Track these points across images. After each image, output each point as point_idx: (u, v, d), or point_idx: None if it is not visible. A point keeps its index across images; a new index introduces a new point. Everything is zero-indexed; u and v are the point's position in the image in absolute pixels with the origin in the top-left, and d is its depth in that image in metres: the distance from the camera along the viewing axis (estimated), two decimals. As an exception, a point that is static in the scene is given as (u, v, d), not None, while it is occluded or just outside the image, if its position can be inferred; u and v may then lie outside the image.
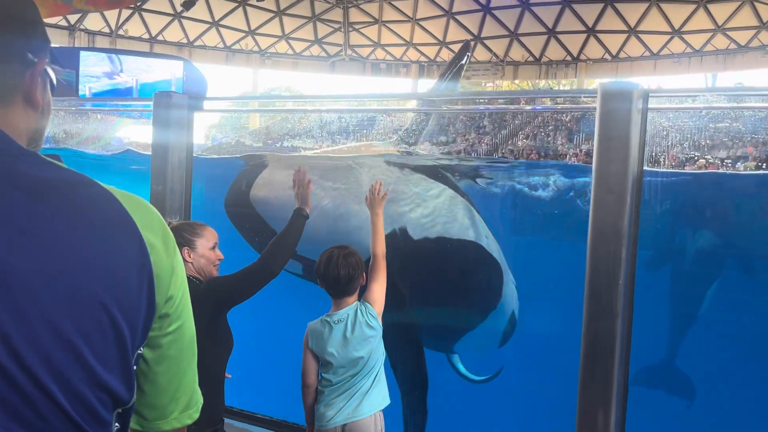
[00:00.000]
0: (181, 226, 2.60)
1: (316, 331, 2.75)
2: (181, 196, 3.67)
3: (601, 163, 2.39)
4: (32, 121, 0.92)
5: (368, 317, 2.71)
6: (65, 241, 0.79)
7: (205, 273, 2.59)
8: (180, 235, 2.54)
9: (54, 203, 0.80)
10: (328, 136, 11.24)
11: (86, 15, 26.90)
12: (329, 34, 34.18)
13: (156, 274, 0.89)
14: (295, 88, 46.51)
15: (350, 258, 2.72)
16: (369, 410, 2.69)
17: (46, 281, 0.76)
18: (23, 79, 0.89)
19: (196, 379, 1.06)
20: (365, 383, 2.70)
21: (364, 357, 2.68)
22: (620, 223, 2.35)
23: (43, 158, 0.86)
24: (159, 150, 3.61)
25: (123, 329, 0.83)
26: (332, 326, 2.70)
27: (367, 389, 2.70)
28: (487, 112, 21.40)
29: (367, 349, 2.69)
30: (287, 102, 10.88)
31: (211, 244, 2.62)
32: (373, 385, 2.72)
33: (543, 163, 12.54)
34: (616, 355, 2.39)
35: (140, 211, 0.90)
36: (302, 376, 2.78)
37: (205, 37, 32.17)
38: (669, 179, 6.16)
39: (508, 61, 32.95)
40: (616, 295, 2.38)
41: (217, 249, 2.65)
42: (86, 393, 0.79)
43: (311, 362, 2.75)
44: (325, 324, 2.73)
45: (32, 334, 0.75)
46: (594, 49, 31.10)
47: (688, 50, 28.83)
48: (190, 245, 2.56)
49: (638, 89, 2.37)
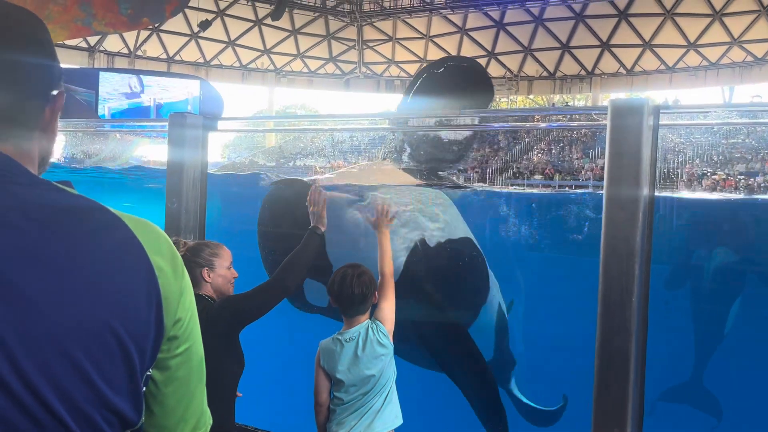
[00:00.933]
0: (198, 247, 2.61)
1: (328, 349, 2.76)
2: (196, 214, 3.70)
3: (612, 180, 2.37)
4: (44, 147, 0.96)
5: (379, 335, 2.71)
6: (74, 267, 0.82)
7: (221, 292, 2.61)
8: (199, 256, 2.56)
9: (64, 230, 0.83)
10: (340, 155, 11.32)
11: (106, 36, 27.41)
12: (344, 52, 34.50)
13: (164, 297, 0.91)
14: (310, 105, 46.92)
15: (363, 277, 2.73)
16: (381, 429, 2.68)
17: (55, 306, 0.78)
18: (44, 114, 0.93)
19: (205, 400, 1.07)
20: (377, 402, 2.69)
21: (375, 375, 2.67)
22: (633, 240, 2.33)
23: (54, 185, 0.89)
24: (174, 169, 3.65)
25: (131, 352, 0.85)
26: (343, 344, 2.70)
27: (379, 408, 2.69)
28: (501, 129, 21.36)
29: (378, 367, 2.68)
30: (302, 121, 11.02)
31: (228, 263, 2.64)
32: (385, 403, 2.71)
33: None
34: (631, 374, 2.36)
35: (149, 235, 0.92)
36: (314, 395, 2.78)
37: (222, 57, 32.62)
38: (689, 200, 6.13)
39: (522, 77, 32.99)
40: (630, 312, 2.36)
41: (232, 267, 2.67)
42: (94, 414, 0.81)
43: (323, 380, 2.76)
44: (336, 342, 2.74)
45: (41, 356, 0.77)
46: (608, 63, 31.04)
47: (704, 63, 28.67)
48: (210, 266, 2.57)
49: (649, 105, 2.36)
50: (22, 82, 0.89)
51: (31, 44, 0.90)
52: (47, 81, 0.92)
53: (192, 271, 2.49)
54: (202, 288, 2.55)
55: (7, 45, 0.87)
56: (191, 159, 3.67)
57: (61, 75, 0.96)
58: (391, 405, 2.75)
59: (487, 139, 27.01)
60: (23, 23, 0.91)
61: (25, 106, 0.90)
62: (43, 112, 0.92)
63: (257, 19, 31.99)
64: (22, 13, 0.92)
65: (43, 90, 0.92)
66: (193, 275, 2.49)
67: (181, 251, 2.50)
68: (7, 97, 0.87)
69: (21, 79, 0.88)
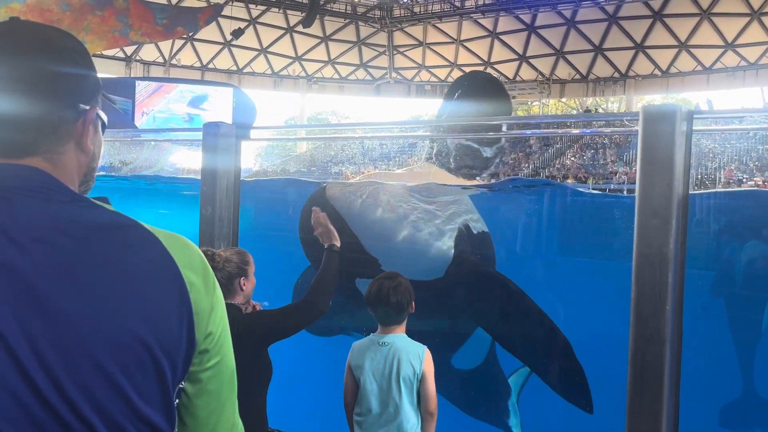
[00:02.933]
0: (235, 256, 2.64)
1: (359, 346, 2.77)
2: (230, 221, 3.77)
3: (645, 186, 2.34)
4: (83, 165, 0.98)
5: (415, 359, 2.68)
6: (108, 283, 0.85)
7: (248, 299, 2.66)
8: (237, 266, 2.60)
9: (98, 246, 0.86)
10: (370, 162, 11.40)
11: (142, 46, 28.06)
12: (374, 57, 34.67)
13: (196, 312, 0.93)
14: (341, 111, 47.22)
15: (400, 288, 2.74)
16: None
17: (90, 321, 0.81)
18: (75, 127, 0.95)
19: (237, 411, 1.09)
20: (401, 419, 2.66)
21: (395, 397, 2.65)
22: (666, 247, 2.29)
23: (90, 202, 0.92)
24: (208, 177, 3.72)
25: (163, 365, 0.87)
26: (377, 346, 2.71)
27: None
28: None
29: (402, 391, 2.64)
30: (333, 129, 11.13)
31: (254, 269, 2.69)
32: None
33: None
34: (665, 383, 2.33)
35: (181, 250, 0.94)
36: (344, 394, 2.81)
37: (254, 64, 33.09)
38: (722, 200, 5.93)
39: (554, 80, 32.69)
40: (664, 321, 2.32)
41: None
42: (127, 425, 0.84)
43: (351, 380, 2.77)
44: (371, 342, 2.75)
45: (76, 370, 0.80)
46: (643, 65, 30.54)
47: (742, 63, 28.01)
48: (246, 275, 2.62)
49: (682, 111, 2.33)
50: (49, 94, 0.91)
51: (59, 57, 0.93)
52: (77, 93, 0.95)
53: (231, 281, 2.54)
54: (236, 297, 2.59)
55: (35, 57, 0.90)
56: (224, 167, 3.73)
57: (97, 91, 0.99)
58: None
59: (519, 144, 26.83)
60: (52, 38, 0.94)
61: (53, 118, 0.92)
62: (74, 125, 0.95)
63: (289, 26, 32.37)
64: (52, 30, 0.95)
65: (72, 102, 0.94)
66: (231, 285, 2.54)
67: (218, 264, 2.53)
68: (35, 109, 0.90)
69: (47, 90, 0.91)
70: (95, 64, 1.00)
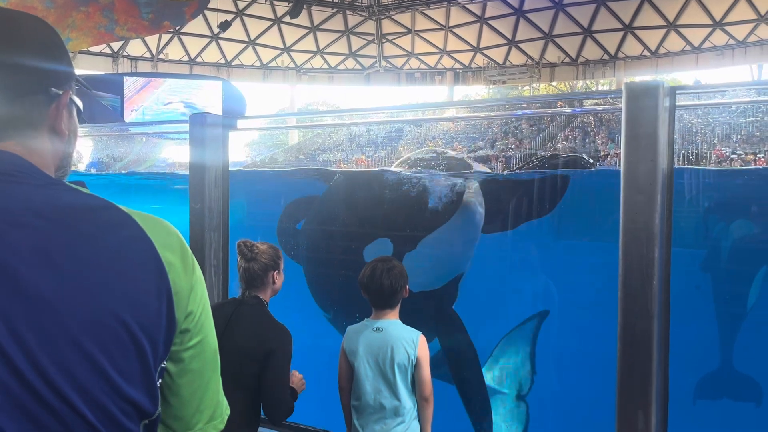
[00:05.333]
0: (269, 250, 2.69)
1: (353, 330, 2.78)
2: (219, 213, 3.76)
3: (629, 163, 2.35)
4: (59, 149, 0.98)
5: (409, 345, 2.69)
6: (85, 263, 0.85)
7: (275, 293, 2.71)
8: (272, 258, 2.66)
9: (75, 228, 0.86)
10: (358, 149, 11.40)
11: (128, 42, 27.84)
12: (363, 46, 34.51)
13: (175, 291, 0.93)
14: (332, 102, 47.05)
15: (393, 270, 2.74)
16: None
17: (68, 302, 0.82)
18: (48, 111, 0.95)
19: (221, 390, 1.10)
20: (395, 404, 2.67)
21: (391, 380, 2.66)
22: (651, 223, 2.31)
23: (65, 185, 0.92)
24: (196, 169, 3.71)
25: (144, 345, 0.88)
26: (371, 331, 2.72)
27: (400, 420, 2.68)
28: (524, 117, 21.26)
29: (397, 377, 2.65)
30: (324, 117, 11.08)
31: (283, 266, 2.75)
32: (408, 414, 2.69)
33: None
34: (654, 357, 2.35)
35: (158, 231, 0.95)
36: (338, 378, 2.82)
37: (242, 57, 32.89)
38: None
39: (544, 63, 32.64)
40: (651, 296, 2.34)
41: None
42: (109, 405, 0.84)
43: (345, 364, 2.78)
44: (364, 326, 2.76)
45: (56, 351, 0.80)
46: (632, 47, 30.53)
47: (731, 42, 28.02)
48: (278, 269, 2.67)
49: (664, 86, 2.33)
50: (20, 77, 0.91)
51: (30, 41, 0.93)
52: (49, 77, 0.95)
53: (265, 273, 2.61)
54: (267, 289, 2.64)
55: (4, 40, 0.90)
56: (213, 158, 3.72)
57: (70, 75, 0.99)
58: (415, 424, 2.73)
59: (510, 129, 26.83)
60: (22, 23, 0.94)
61: (25, 101, 0.92)
62: (47, 109, 0.95)
63: (276, 17, 32.17)
64: (22, 15, 0.95)
65: (44, 86, 0.94)
66: (265, 277, 2.61)
67: (257, 254, 2.60)
68: (6, 92, 0.90)
69: (19, 74, 0.91)
70: (82, 61, 1.00)
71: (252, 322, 2.55)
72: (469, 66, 34.24)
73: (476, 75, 34.21)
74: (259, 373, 2.48)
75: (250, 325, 2.55)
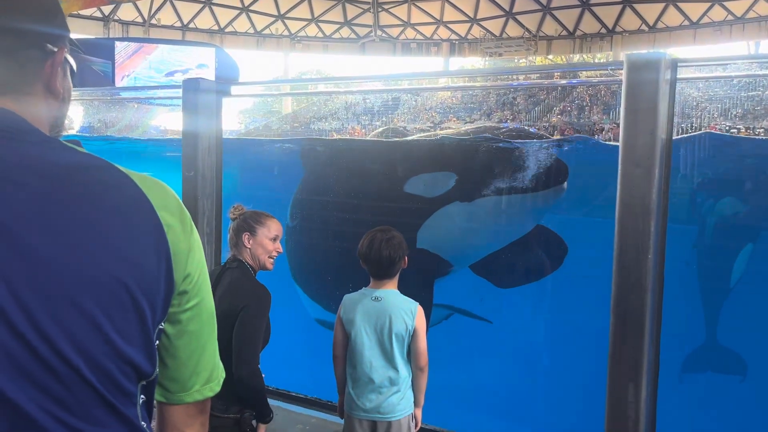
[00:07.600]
0: (247, 213, 2.71)
1: (351, 299, 2.77)
2: (212, 180, 3.73)
3: (628, 136, 2.34)
4: (53, 109, 0.96)
5: (407, 315, 2.70)
6: (84, 222, 0.84)
7: (259, 262, 2.67)
8: (244, 221, 2.67)
9: (72, 187, 0.85)
10: (354, 117, 11.30)
11: (119, 6, 27.31)
12: (358, 15, 33.99)
13: (174, 252, 0.93)
14: (326, 71, 46.56)
15: (392, 240, 2.73)
16: (401, 412, 2.69)
17: (67, 261, 0.81)
18: (43, 68, 0.93)
19: (217, 353, 1.11)
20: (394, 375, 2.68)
21: (389, 348, 2.66)
22: (648, 197, 2.30)
23: (62, 144, 0.90)
24: (189, 135, 3.67)
25: (143, 305, 0.88)
26: (369, 300, 2.72)
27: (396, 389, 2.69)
28: (520, 88, 21.11)
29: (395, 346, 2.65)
30: (318, 84, 10.99)
31: (273, 234, 2.69)
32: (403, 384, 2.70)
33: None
34: (646, 330, 2.37)
35: (156, 192, 0.94)
36: (333, 347, 2.82)
37: (236, 23, 32.36)
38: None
39: (541, 36, 32.31)
40: (646, 269, 2.35)
41: (277, 242, 2.72)
42: (109, 365, 0.84)
43: (341, 333, 2.78)
44: (362, 295, 2.75)
45: (56, 311, 0.80)
46: (630, 21, 30.23)
47: (729, 17, 27.79)
48: (251, 231, 2.65)
49: (666, 59, 2.31)
50: (15, 32, 0.89)
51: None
52: (43, 33, 0.92)
53: (237, 234, 2.66)
54: (241, 252, 2.65)
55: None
56: (206, 125, 3.68)
57: (65, 33, 0.97)
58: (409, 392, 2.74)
59: (507, 102, 26.68)
60: None
61: (20, 56, 0.90)
62: (42, 66, 0.93)
63: (270, -17, 31.61)
64: None
65: (39, 42, 0.92)
66: (238, 238, 2.65)
67: (232, 215, 2.70)
68: (0, 47, 0.88)
69: (14, 28, 0.89)
70: (72, 24, 0.97)
71: (229, 283, 2.58)
72: (465, 37, 33.86)
73: (472, 47, 33.86)
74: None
75: (227, 286, 2.57)
